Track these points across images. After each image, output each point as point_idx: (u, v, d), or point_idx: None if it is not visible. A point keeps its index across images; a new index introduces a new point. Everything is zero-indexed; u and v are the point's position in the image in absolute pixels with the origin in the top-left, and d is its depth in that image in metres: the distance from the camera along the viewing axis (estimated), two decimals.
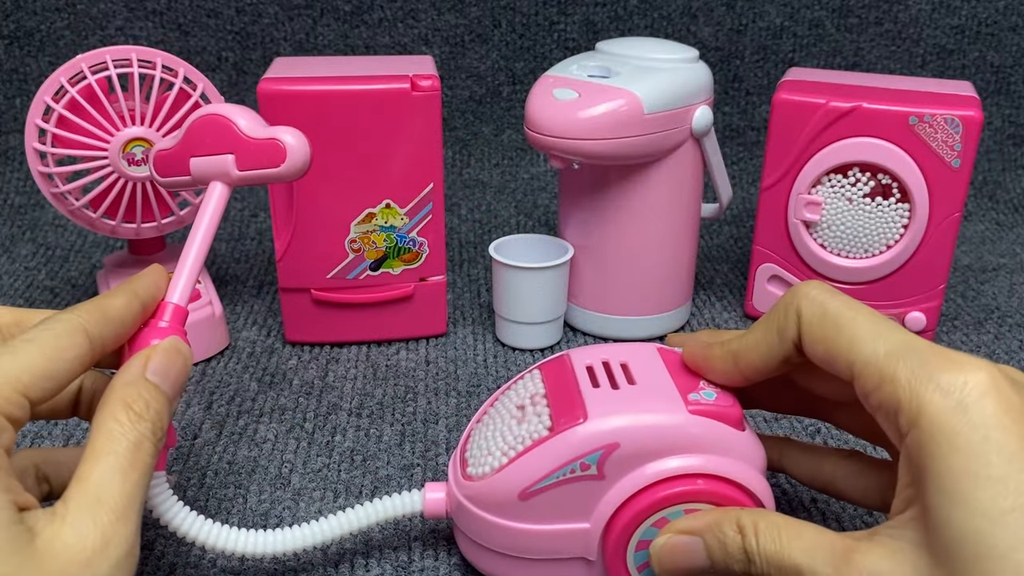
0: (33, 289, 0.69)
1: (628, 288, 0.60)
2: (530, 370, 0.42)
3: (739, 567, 0.33)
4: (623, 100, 0.53)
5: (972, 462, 0.27)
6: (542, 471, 0.36)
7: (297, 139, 0.41)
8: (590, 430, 0.36)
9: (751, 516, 0.33)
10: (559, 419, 0.37)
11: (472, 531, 0.39)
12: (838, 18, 0.93)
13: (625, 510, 0.36)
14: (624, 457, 0.36)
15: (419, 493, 0.40)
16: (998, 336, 0.63)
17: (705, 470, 0.36)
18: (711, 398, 0.37)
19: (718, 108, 0.94)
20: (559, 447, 0.36)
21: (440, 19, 0.92)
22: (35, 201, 0.84)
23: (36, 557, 0.27)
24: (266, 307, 0.66)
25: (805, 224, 0.60)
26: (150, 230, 0.60)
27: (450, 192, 0.88)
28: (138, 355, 0.35)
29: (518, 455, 0.37)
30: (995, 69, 0.94)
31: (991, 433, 0.28)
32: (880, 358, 0.31)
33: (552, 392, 0.39)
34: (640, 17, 0.93)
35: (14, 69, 0.89)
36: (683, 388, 0.37)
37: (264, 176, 0.41)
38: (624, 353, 0.40)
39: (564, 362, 0.41)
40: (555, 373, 0.40)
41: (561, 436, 0.36)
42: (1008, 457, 0.27)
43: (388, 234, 0.57)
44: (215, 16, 0.90)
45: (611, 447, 0.35)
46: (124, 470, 0.30)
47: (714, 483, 0.36)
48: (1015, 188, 0.91)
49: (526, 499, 0.36)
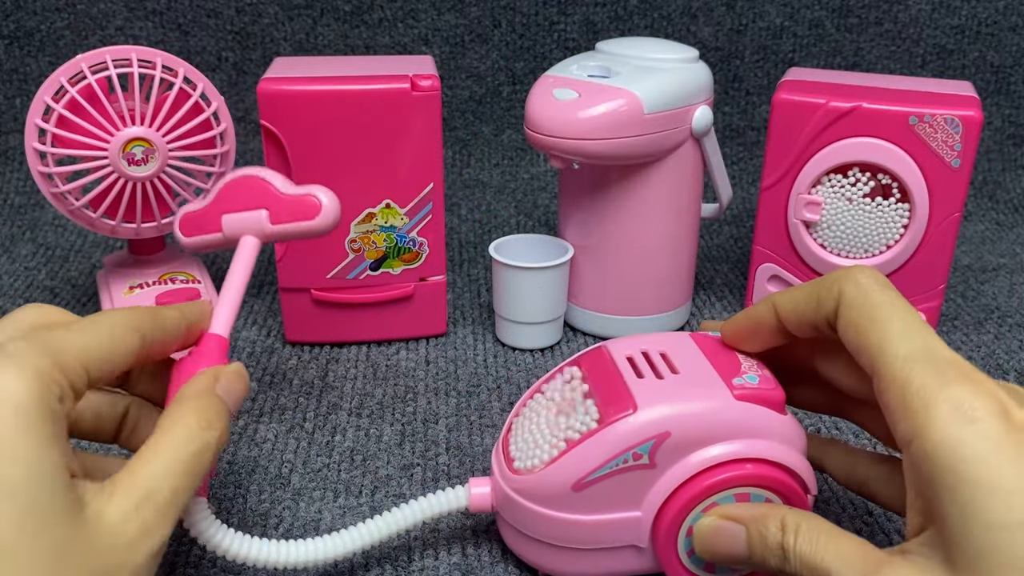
0: (33, 289, 0.69)
1: (628, 288, 0.60)
2: (567, 363, 0.42)
3: (774, 562, 0.34)
4: (623, 100, 0.53)
5: (983, 473, 0.28)
6: (595, 462, 0.37)
7: (330, 197, 0.44)
8: (641, 420, 0.36)
9: (796, 516, 0.34)
10: (608, 411, 0.37)
11: (521, 524, 0.39)
12: (838, 18, 0.93)
13: (676, 497, 0.37)
14: (674, 445, 0.36)
15: (463, 489, 0.40)
16: (998, 336, 0.63)
17: (753, 454, 0.37)
18: (754, 382, 0.38)
19: (718, 108, 0.94)
20: (611, 438, 0.36)
21: (440, 19, 0.92)
22: (35, 201, 0.84)
23: (85, 527, 0.28)
24: (266, 307, 0.66)
25: (805, 224, 0.60)
26: (150, 230, 0.60)
27: (450, 192, 0.88)
28: (206, 372, 0.36)
29: (569, 448, 0.37)
30: (995, 69, 0.94)
31: (1001, 445, 0.28)
32: (899, 359, 0.31)
33: (596, 384, 0.39)
34: (640, 17, 0.93)
35: (14, 69, 0.89)
36: (725, 374, 0.38)
37: (297, 229, 0.44)
38: (661, 342, 0.41)
39: (603, 354, 0.41)
40: (595, 365, 0.40)
41: (613, 427, 0.36)
42: (1019, 469, 0.27)
43: (388, 234, 0.57)
44: (215, 16, 0.90)
45: (662, 436, 0.36)
46: (180, 473, 0.31)
47: (762, 467, 0.37)
48: (1015, 188, 0.91)
49: (579, 490, 0.37)
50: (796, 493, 0.37)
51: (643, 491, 0.37)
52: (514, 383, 0.57)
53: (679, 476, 0.37)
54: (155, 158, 0.56)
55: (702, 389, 0.37)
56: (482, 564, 0.41)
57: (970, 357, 0.60)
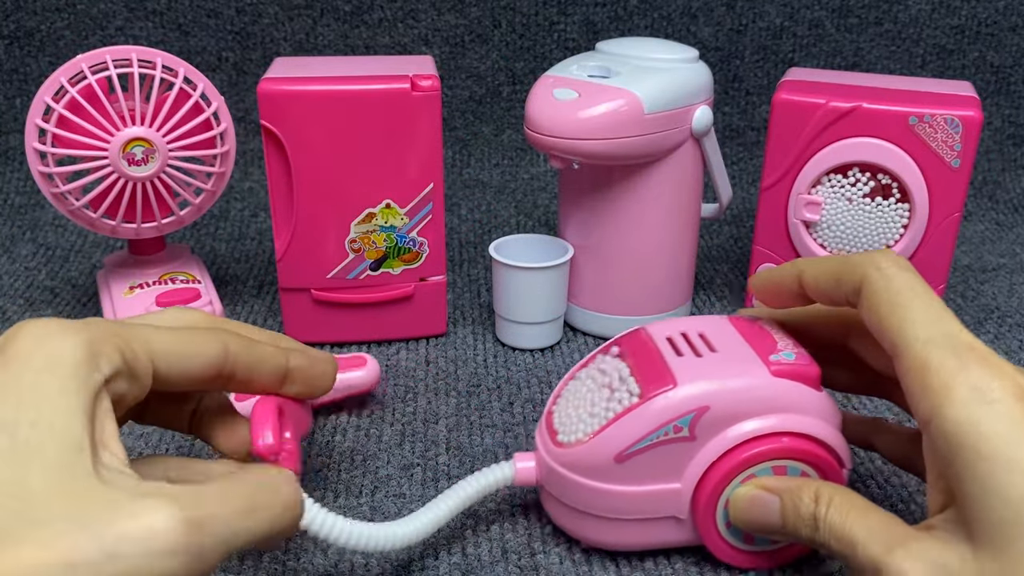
0: (33, 289, 0.69)
1: (628, 288, 0.60)
2: (607, 346, 0.44)
3: (806, 532, 0.35)
4: (623, 100, 0.53)
5: (1002, 450, 0.28)
6: (637, 434, 0.38)
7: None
8: (681, 395, 0.38)
9: (829, 489, 0.35)
10: (648, 386, 0.39)
11: (566, 496, 0.40)
12: (838, 18, 0.93)
13: (715, 469, 0.38)
14: (714, 419, 0.38)
15: (509, 464, 0.42)
16: (998, 336, 0.63)
17: (789, 428, 0.38)
18: (791, 359, 0.39)
19: (718, 108, 0.94)
20: (652, 411, 0.38)
21: (440, 19, 0.92)
22: (35, 201, 0.84)
23: (88, 493, 0.26)
24: (266, 307, 0.66)
25: (805, 224, 0.60)
26: (150, 230, 0.60)
27: (450, 192, 0.88)
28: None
29: (611, 420, 0.39)
30: (995, 69, 0.94)
31: (1018, 424, 0.29)
32: (919, 342, 0.32)
33: (636, 363, 0.41)
34: (640, 17, 0.93)
35: (14, 69, 0.89)
36: (762, 352, 0.40)
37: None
38: (699, 324, 0.43)
39: (642, 336, 0.43)
40: (635, 346, 0.42)
41: (653, 401, 0.38)
42: None
43: (388, 234, 0.57)
44: (215, 16, 0.90)
45: (702, 409, 0.38)
46: (242, 521, 0.29)
47: (798, 440, 0.38)
48: (1015, 188, 0.91)
49: (622, 462, 0.38)
50: (831, 466, 0.39)
51: (683, 463, 0.39)
52: (514, 383, 0.57)
53: (718, 449, 0.38)
54: (155, 158, 0.56)
55: (740, 365, 0.39)
56: (482, 564, 0.41)
57: None
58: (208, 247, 0.77)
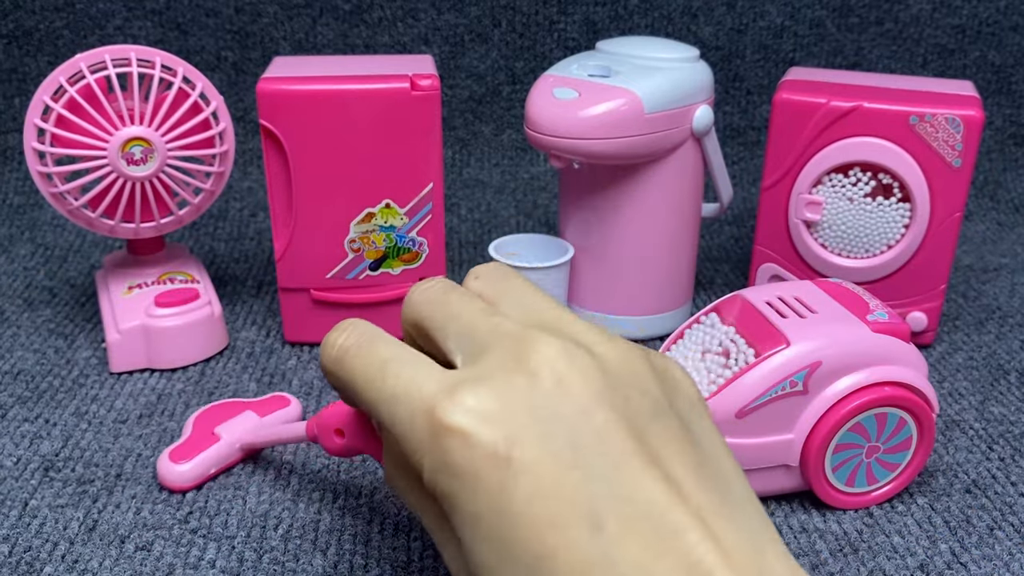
0: (32, 289, 0.68)
1: (628, 288, 0.60)
2: (704, 312, 0.48)
3: None
4: (623, 100, 0.53)
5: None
6: (756, 391, 0.42)
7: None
8: (796, 352, 0.42)
9: None
10: (762, 346, 0.43)
11: None
12: (839, 18, 0.92)
13: (825, 419, 0.43)
14: (825, 373, 0.42)
15: None
16: (999, 336, 0.63)
17: (890, 379, 0.43)
18: (885, 318, 0.44)
19: (719, 108, 0.94)
20: (770, 369, 0.42)
21: (440, 19, 0.92)
22: (34, 201, 0.84)
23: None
24: (265, 307, 0.66)
25: (806, 224, 0.60)
26: (149, 230, 0.59)
27: (450, 192, 0.88)
28: None
29: (730, 380, 0.42)
30: (996, 69, 0.93)
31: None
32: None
33: (743, 326, 0.45)
34: (640, 16, 0.93)
35: (13, 69, 0.89)
36: (858, 312, 0.44)
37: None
38: (792, 289, 0.47)
39: (741, 300, 0.47)
40: (736, 311, 0.46)
41: (771, 359, 0.42)
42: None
43: (388, 234, 0.57)
44: (214, 15, 0.90)
45: (815, 365, 0.42)
46: None
47: (898, 389, 0.43)
48: (1016, 188, 0.91)
49: (742, 417, 0.42)
50: (925, 412, 0.44)
51: (796, 415, 0.43)
52: None
53: (828, 400, 0.42)
54: (154, 158, 0.56)
55: (844, 324, 0.43)
56: None
57: (971, 357, 0.60)
58: (207, 247, 0.77)
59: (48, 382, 0.56)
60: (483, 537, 0.26)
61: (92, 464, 0.48)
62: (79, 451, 0.49)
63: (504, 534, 0.25)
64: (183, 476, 0.45)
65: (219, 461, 0.47)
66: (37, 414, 0.52)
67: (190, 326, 0.57)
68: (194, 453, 0.46)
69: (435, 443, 0.27)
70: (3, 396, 0.54)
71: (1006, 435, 0.52)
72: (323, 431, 0.41)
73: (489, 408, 0.27)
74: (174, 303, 0.57)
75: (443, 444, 0.27)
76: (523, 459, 0.26)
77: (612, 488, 0.25)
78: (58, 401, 0.54)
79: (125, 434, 0.50)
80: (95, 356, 0.59)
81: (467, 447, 0.26)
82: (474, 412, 0.27)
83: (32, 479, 0.47)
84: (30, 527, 0.43)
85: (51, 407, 0.53)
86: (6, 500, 0.45)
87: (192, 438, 0.48)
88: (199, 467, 0.46)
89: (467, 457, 0.26)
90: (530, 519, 0.25)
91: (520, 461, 0.25)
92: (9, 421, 0.52)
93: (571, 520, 0.24)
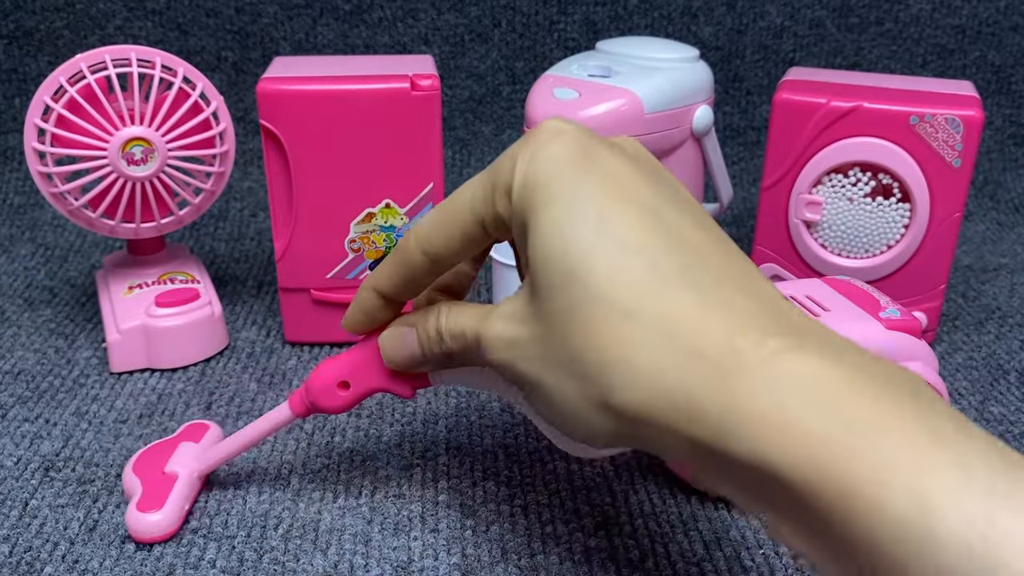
0: (32, 289, 0.69)
1: None
2: None
3: (437, 348, 0.37)
4: (623, 100, 0.53)
5: (554, 214, 0.31)
6: None
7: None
8: None
9: (448, 304, 0.37)
10: None
11: None
12: (839, 18, 0.92)
13: None
14: None
15: None
16: (999, 336, 0.63)
17: None
18: (897, 315, 0.45)
19: (719, 108, 0.94)
20: None
21: (440, 19, 0.92)
22: (34, 201, 0.84)
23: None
24: (265, 307, 0.66)
25: (806, 224, 0.60)
26: (149, 230, 0.59)
27: (450, 192, 0.88)
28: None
29: None
30: (996, 69, 0.94)
31: (573, 185, 0.31)
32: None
33: None
34: (640, 17, 0.93)
35: (13, 69, 0.89)
36: (870, 309, 0.45)
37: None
38: (803, 288, 0.48)
39: None
40: None
41: None
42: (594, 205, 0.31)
43: (388, 234, 0.57)
44: (214, 16, 0.90)
45: None
46: None
47: None
48: (1016, 188, 0.91)
49: None
50: None
51: None
52: None
53: None
54: (154, 158, 0.56)
55: (858, 322, 0.44)
56: (482, 564, 0.41)
57: (971, 357, 0.60)
58: (207, 247, 0.77)
59: (48, 382, 0.56)
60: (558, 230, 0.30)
61: (92, 464, 0.48)
62: (79, 451, 0.49)
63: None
64: (159, 525, 0.42)
65: (189, 496, 0.44)
66: (37, 414, 0.52)
67: (190, 326, 0.57)
68: (163, 498, 0.43)
69: (530, 136, 0.32)
70: (3, 396, 0.54)
71: (1006, 435, 0.52)
72: (321, 394, 0.41)
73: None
74: (174, 303, 0.57)
75: (537, 136, 0.32)
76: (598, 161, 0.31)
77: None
78: (58, 401, 0.54)
79: (125, 434, 0.51)
80: (95, 356, 0.59)
81: (557, 142, 0.32)
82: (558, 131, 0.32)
83: (32, 479, 0.47)
84: (30, 527, 0.43)
85: (51, 407, 0.53)
86: (6, 500, 0.45)
87: (150, 486, 0.44)
88: (174, 509, 0.43)
89: (556, 152, 0.31)
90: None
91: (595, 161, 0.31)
92: (9, 421, 0.52)
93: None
